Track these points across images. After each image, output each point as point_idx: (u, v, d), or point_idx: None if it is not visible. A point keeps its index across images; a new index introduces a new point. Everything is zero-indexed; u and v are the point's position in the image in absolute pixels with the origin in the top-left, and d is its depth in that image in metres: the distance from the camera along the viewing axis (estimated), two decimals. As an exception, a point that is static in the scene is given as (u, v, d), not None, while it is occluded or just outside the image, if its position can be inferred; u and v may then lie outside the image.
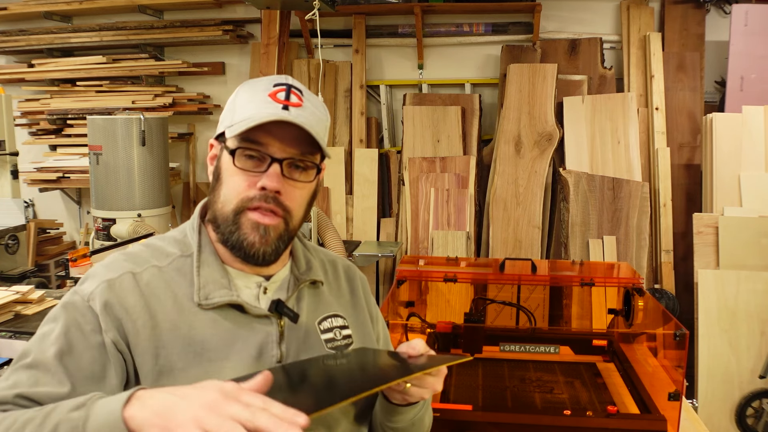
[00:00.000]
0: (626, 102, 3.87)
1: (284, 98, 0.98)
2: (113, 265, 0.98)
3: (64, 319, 0.93)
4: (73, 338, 0.91)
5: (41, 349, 0.91)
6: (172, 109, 4.40)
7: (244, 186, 0.97)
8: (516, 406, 1.63)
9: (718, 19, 4.07)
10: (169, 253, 1.02)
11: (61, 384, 0.88)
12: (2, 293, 2.22)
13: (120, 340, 0.92)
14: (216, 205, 1.00)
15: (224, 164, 0.99)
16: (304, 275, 1.08)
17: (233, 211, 0.97)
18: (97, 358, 0.91)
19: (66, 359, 0.90)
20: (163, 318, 0.94)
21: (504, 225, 3.87)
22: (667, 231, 3.82)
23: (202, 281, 0.98)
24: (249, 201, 0.97)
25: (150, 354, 0.92)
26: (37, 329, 0.96)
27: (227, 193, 0.98)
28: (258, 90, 0.99)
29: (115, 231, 3.65)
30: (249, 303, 1.00)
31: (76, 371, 0.90)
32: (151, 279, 0.97)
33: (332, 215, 4.23)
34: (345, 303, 1.14)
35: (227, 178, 0.98)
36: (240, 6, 4.45)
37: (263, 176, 0.96)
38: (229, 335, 0.97)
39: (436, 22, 4.34)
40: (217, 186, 1.00)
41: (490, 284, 2.15)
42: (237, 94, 1.02)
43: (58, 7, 4.51)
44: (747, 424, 3.16)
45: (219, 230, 0.99)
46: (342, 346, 1.07)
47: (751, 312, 3.21)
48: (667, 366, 1.61)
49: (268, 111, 0.96)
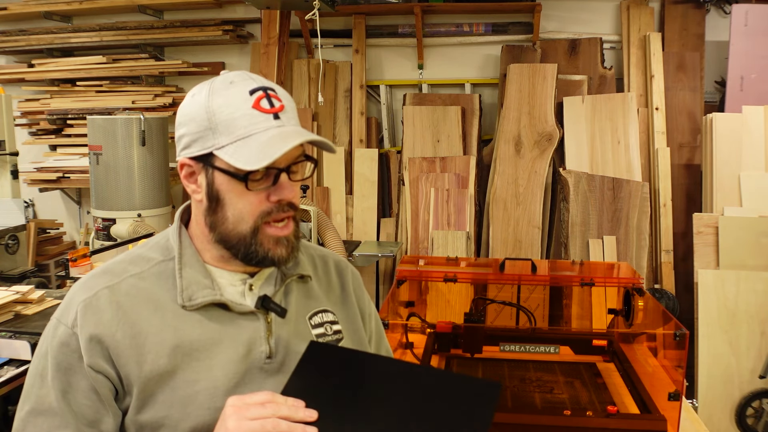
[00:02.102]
0: (626, 102, 3.87)
1: (269, 106, 0.94)
2: (89, 283, 0.98)
3: (54, 354, 0.95)
4: (67, 372, 0.94)
5: (42, 392, 0.94)
6: (172, 109, 4.40)
7: (256, 202, 0.95)
8: (516, 406, 1.63)
9: (718, 19, 4.07)
10: (150, 259, 1.01)
11: (67, 425, 0.92)
12: (2, 293, 2.22)
13: (99, 362, 0.93)
14: (224, 226, 0.97)
15: (223, 186, 0.95)
16: (291, 270, 1.07)
17: (251, 229, 0.96)
18: (91, 385, 0.93)
19: (68, 397, 0.93)
20: (146, 324, 0.95)
21: (504, 225, 3.87)
22: (667, 231, 3.82)
23: (184, 283, 0.98)
24: (267, 216, 0.96)
25: (134, 362, 0.93)
26: (31, 365, 0.98)
27: (238, 214, 0.95)
28: (237, 101, 0.93)
29: (115, 231, 3.65)
30: (233, 301, 0.99)
31: (76, 406, 0.93)
32: (130, 289, 0.97)
33: (332, 215, 4.23)
34: (335, 298, 1.14)
35: (233, 198, 0.95)
36: (240, 6, 4.45)
37: (276, 189, 0.95)
38: (216, 334, 0.97)
39: (436, 22, 4.34)
40: (220, 208, 0.96)
41: (490, 284, 2.15)
42: (209, 108, 0.93)
43: (58, 7, 4.51)
44: (747, 424, 3.16)
45: (235, 249, 0.97)
46: (332, 342, 1.07)
47: (751, 312, 3.21)
48: (667, 366, 1.61)
49: (262, 125, 0.92)
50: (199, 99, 0.95)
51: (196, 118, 0.94)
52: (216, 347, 0.96)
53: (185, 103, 0.97)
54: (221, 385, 0.94)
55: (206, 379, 0.94)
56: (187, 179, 0.99)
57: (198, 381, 0.94)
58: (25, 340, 1.95)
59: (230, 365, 0.96)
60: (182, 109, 0.97)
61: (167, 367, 0.93)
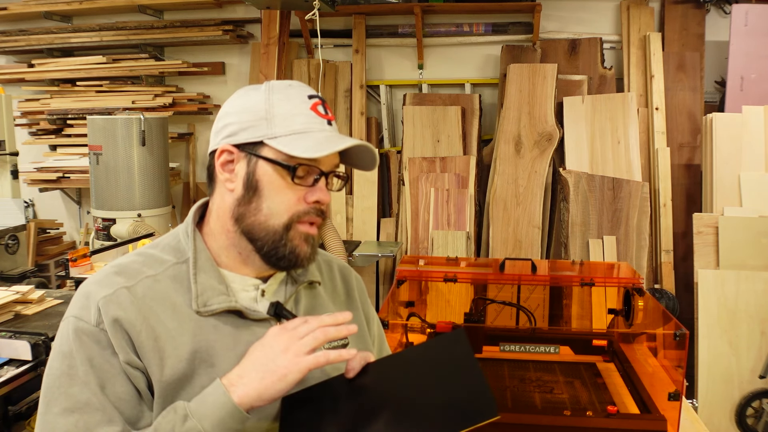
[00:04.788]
0: (626, 102, 3.87)
1: (324, 112, 0.99)
2: (105, 281, 0.96)
3: (82, 350, 0.91)
4: (102, 367, 0.91)
5: (74, 391, 0.89)
6: (172, 109, 4.40)
7: (294, 200, 0.96)
8: (516, 406, 1.63)
9: (718, 19, 4.07)
10: (164, 261, 1.00)
11: (111, 421, 0.89)
12: (2, 293, 2.22)
13: (133, 358, 0.92)
14: (256, 217, 0.97)
15: (266, 176, 0.96)
16: (301, 276, 1.08)
17: (284, 225, 0.97)
18: (127, 380, 0.91)
19: (107, 391, 0.90)
20: (164, 329, 0.94)
21: (504, 225, 3.87)
22: (667, 231, 3.82)
23: (199, 288, 0.97)
24: (303, 215, 0.97)
25: (156, 366, 0.92)
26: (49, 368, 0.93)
27: (274, 207, 0.96)
28: (296, 101, 0.98)
29: (115, 231, 3.65)
30: (248, 308, 0.99)
31: (117, 400, 0.90)
32: (146, 291, 0.96)
33: (332, 215, 4.23)
34: (340, 304, 1.15)
35: (272, 191, 0.96)
36: (240, 6, 4.45)
37: (314, 190, 0.97)
38: (231, 340, 0.97)
39: (436, 22, 4.34)
40: (256, 198, 0.97)
41: (490, 284, 2.15)
42: (268, 101, 0.97)
43: (58, 7, 4.51)
44: (747, 424, 3.17)
45: (259, 242, 0.98)
46: (338, 347, 1.07)
47: (751, 312, 3.22)
48: (667, 366, 1.61)
49: (319, 126, 0.97)
50: (256, 94, 0.98)
51: (251, 109, 0.97)
52: (231, 353, 0.96)
53: (235, 97, 1.01)
54: None
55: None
56: (223, 166, 0.99)
57: None
58: (25, 340, 1.95)
59: None
60: (232, 101, 1.01)
61: (186, 372, 0.93)
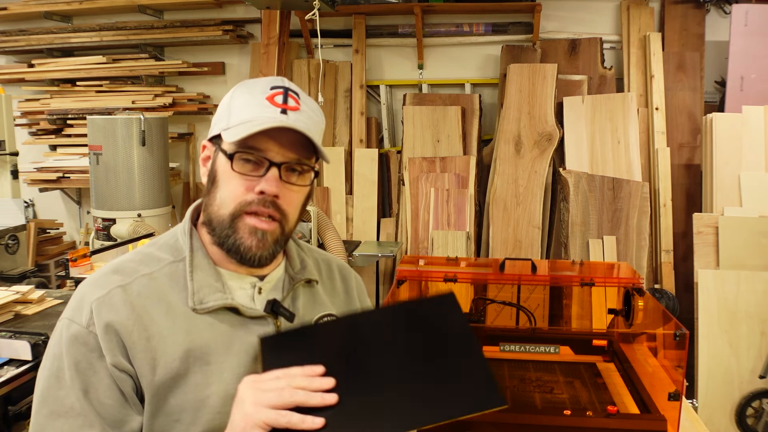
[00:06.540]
0: (626, 102, 3.87)
1: (282, 102, 0.97)
2: (100, 282, 0.97)
3: (69, 354, 0.92)
4: (86, 372, 0.92)
5: (61, 394, 0.91)
6: (172, 109, 4.40)
7: (242, 190, 0.96)
8: (516, 406, 1.62)
9: (718, 19, 4.07)
10: (161, 259, 1.01)
11: (92, 425, 0.91)
12: (2, 293, 2.22)
13: (122, 361, 0.92)
14: (212, 207, 0.99)
15: (220, 167, 0.98)
16: (299, 274, 1.08)
17: (230, 215, 0.97)
18: (112, 384, 0.92)
19: (90, 396, 0.91)
20: (158, 327, 0.94)
21: (504, 225, 3.87)
22: (667, 231, 3.82)
23: (195, 286, 0.97)
24: (247, 205, 0.96)
25: (148, 366, 0.92)
26: (42, 368, 0.95)
27: (224, 197, 0.97)
28: (255, 92, 0.99)
29: (115, 231, 3.65)
30: (244, 305, 1.00)
31: (99, 405, 0.91)
32: (142, 289, 0.96)
33: (332, 215, 4.23)
34: (339, 302, 1.15)
35: (224, 181, 0.97)
36: (240, 6, 4.45)
37: (261, 180, 0.95)
38: (227, 338, 0.97)
39: (436, 22, 4.34)
40: (213, 189, 0.99)
41: (490, 284, 2.15)
42: (232, 95, 1.01)
43: (58, 7, 4.51)
44: (747, 424, 3.16)
45: (214, 233, 0.99)
46: None
47: (751, 312, 3.22)
48: (667, 366, 1.61)
49: (266, 115, 0.96)
50: (231, 92, 1.03)
51: (222, 104, 1.03)
52: (227, 351, 0.96)
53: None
54: (232, 389, 0.93)
55: (217, 383, 0.94)
56: (204, 163, 1.04)
57: (209, 385, 0.94)
58: (25, 340, 1.95)
59: (241, 369, 0.96)
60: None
61: (179, 371, 0.93)
